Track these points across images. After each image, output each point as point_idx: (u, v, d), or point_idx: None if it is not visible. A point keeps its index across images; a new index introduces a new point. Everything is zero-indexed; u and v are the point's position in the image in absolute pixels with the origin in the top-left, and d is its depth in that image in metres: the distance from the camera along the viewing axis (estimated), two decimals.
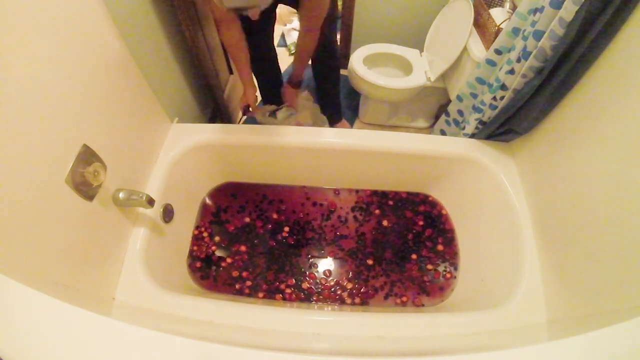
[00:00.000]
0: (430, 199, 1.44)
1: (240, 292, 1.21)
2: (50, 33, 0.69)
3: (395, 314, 1.08)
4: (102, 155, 0.83)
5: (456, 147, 1.25)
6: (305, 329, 0.88)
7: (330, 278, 1.25)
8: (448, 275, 1.26)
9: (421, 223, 1.38)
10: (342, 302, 1.20)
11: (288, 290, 1.21)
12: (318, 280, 1.24)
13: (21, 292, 0.56)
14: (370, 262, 1.28)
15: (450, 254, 1.30)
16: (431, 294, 1.22)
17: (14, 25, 0.61)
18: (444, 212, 1.41)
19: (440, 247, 1.32)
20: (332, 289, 1.22)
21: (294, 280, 1.24)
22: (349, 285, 1.23)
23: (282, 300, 1.20)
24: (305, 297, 1.21)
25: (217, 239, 1.31)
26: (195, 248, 1.28)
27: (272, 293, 1.21)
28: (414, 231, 1.36)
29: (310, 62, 1.53)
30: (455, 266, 1.27)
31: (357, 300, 1.20)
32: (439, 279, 1.25)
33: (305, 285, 1.23)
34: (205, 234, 1.32)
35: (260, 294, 1.21)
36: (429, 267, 1.27)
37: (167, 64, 1.27)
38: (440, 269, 1.27)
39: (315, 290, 1.22)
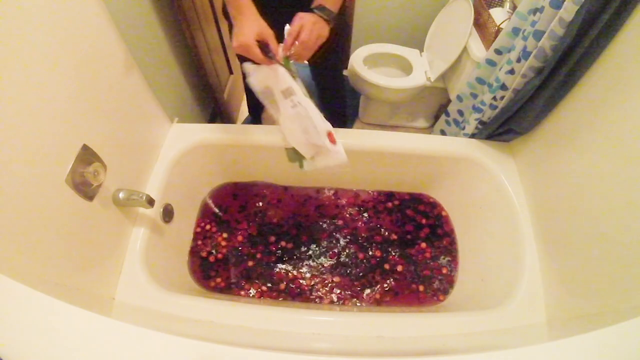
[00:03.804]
0: (430, 199, 1.44)
1: (239, 292, 1.21)
2: (50, 33, 0.69)
3: (395, 314, 1.08)
4: (102, 155, 0.83)
5: (456, 147, 1.25)
6: (306, 329, 0.88)
7: (329, 278, 1.25)
8: (448, 275, 1.26)
9: (421, 223, 1.38)
10: (341, 301, 1.20)
11: (277, 292, 1.21)
12: (316, 280, 1.24)
13: (21, 292, 0.56)
14: (369, 261, 1.28)
15: (450, 254, 1.30)
16: (431, 294, 1.22)
17: (14, 25, 0.61)
18: (443, 212, 1.41)
19: (439, 247, 1.32)
20: (331, 289, 1.22)
21: (291, 279, 1.24)
22: (348, 285, 1.23)
23: (282, 300, 1.20)
24: (303, 296, 1.20)
25: (217, 239, 1.31)
26: (195, 248, 1.28)
27: (271, 293, 1.21)
28: (413, 231, 1.36)
29: (307, 63, 1.30)
30: (455, 266, 1.27)
31: (357, 300, 1.20)
32: (438, 279, 1.25)
33: (303, 284, 1.23)
34: (205, 234, 1.32)
35: (259, 294, 1.21)
36: (429, 266, 1.27)
37: (167, 64, 1.27)
38: (440, 268, 1.27)
39: (314, 290, 1.22)
